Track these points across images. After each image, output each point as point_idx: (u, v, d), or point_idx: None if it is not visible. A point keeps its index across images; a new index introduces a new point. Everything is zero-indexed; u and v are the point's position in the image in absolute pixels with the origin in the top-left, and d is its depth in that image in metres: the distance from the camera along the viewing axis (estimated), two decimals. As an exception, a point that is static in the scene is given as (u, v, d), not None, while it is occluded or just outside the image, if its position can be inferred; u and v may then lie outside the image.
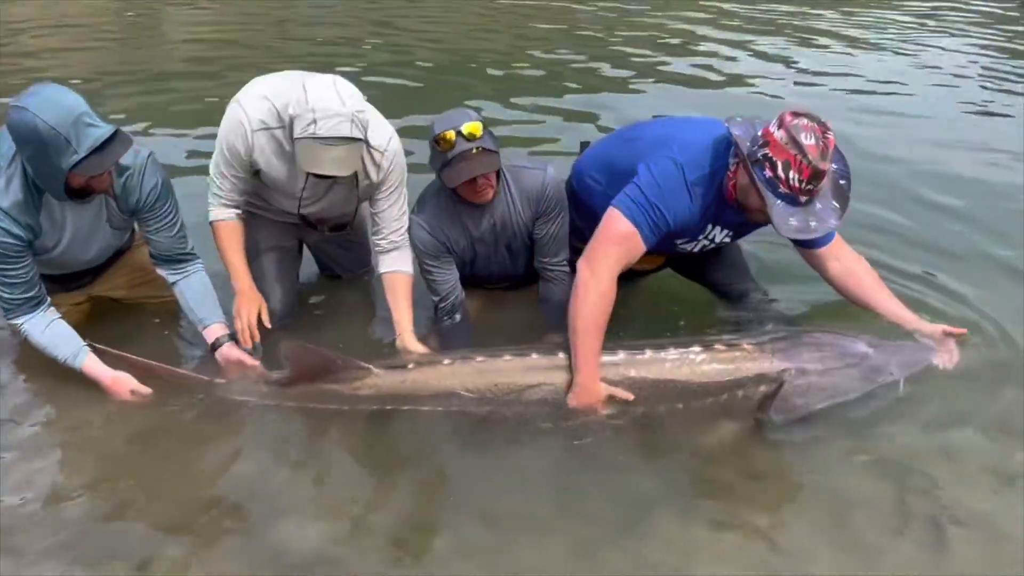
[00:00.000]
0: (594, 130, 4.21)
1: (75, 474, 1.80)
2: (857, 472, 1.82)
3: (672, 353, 1.98)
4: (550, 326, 2.19)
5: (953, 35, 7.54)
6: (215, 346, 2.05)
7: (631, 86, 5.50)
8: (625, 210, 1.88)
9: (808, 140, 1.68)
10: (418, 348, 2.08)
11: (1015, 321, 2.38)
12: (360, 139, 1.80)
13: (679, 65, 6.06)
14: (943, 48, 6.92)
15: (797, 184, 1.70)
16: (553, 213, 2.17)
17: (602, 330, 1.89)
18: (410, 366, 2.01)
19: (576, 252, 2.05)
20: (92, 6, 8.17)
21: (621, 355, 1.97)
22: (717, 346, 1.99)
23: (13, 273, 1.83)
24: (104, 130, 1.69)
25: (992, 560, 1.58)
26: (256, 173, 2.04)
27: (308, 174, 1.94)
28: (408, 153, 2.20)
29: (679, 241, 2.02)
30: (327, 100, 1.74)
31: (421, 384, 1.98)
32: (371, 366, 1.98)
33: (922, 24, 8.05)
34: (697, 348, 1.99)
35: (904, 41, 7.20)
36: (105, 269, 2.23)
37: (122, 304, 2.36)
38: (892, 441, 1.90)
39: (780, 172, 1.70)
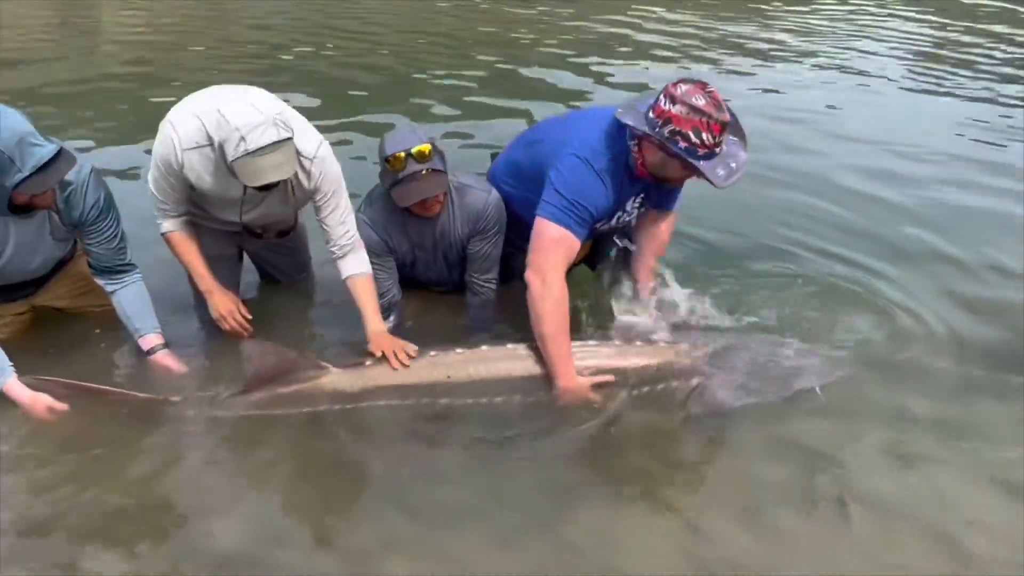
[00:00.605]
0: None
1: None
2: (771, 459, 1.94)
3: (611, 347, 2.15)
4: (478, 331, 2.31)
5: (873, 38, 7.97)
6: (150, 353, 2.10)
7: (564, 88, 5.65)
8: (550, 216, 1.99)
9: (701, 102, 1.82)
10: (392, 343, 2.09)
11: (928, 307, 2.61)
12: (289, 136, 1.84)
13: (616, 71, 6.23)
14: (862, 50, 7.32)
15: (712, 141, 1.86)
16: (490, 233, 2.26)
17: (567, 332, 2.01)
18: (368, 363, 2.08)
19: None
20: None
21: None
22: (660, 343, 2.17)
23: None
24: (48, 149, 1.72)
25: (891, 535, 1.71)
26: (192, 187, 2.08)
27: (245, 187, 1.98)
28: (360, 156, 2.25)
29: (599, 224, 2.14)
30: (245, 115, 1.79)
31: (380, 380, 2.04)
32: (329, 365, 2.05)
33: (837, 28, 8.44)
34: (639, 343, 2.15)
35: (823, 45, 7.57)
36: (48, 279, 2.24)
37: (65, 313, 2.36)
38: (803, 430, 2.03)
39: (694, 139, 1.84)
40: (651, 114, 1.89)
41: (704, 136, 1.84)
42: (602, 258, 2.51)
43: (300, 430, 2.01)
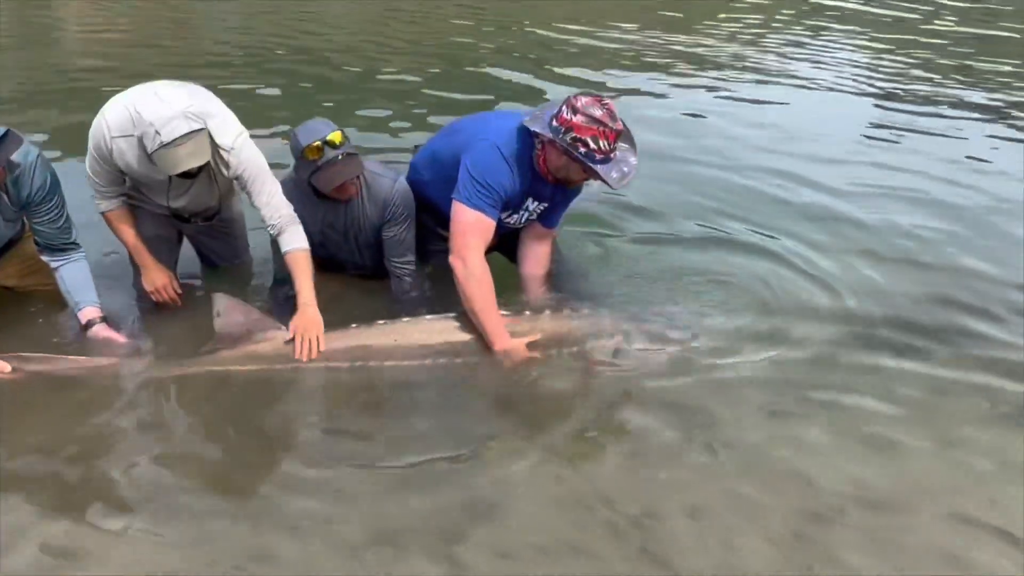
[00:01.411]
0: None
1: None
2: (659, 416, 2.17)
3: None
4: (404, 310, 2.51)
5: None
6: (88, 326, 2.26)
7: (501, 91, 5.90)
8: (465, 200, 2.21)
9: (598, 113, 2.09)
10: (310, 324, 2.24)
11: (819, 277, 2.96)
12: (200, 128, 2.02)
13: (564, 73, 6.46)
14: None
15: (608, 148, 2.13)
16: (400, 218, 2.45)
17: (495, 304, 2.26)
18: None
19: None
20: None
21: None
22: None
23: None
24: None
25: (750, 473, 1.96)
26: (122, 172, 2.27)
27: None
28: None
29: (504, 215, 2.37)
30: (157, 110, 1.98)
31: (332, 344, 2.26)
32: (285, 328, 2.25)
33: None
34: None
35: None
36: None
37: (14, 292, 2.51)
38: (690, 392, 2.28)
39: (592, 145, 2.10)
40: (555, 122, 2.14)
41: (601, 143, 2.11)
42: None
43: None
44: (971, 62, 7.59)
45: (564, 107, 2.13)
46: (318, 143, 2.20)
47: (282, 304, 2.47)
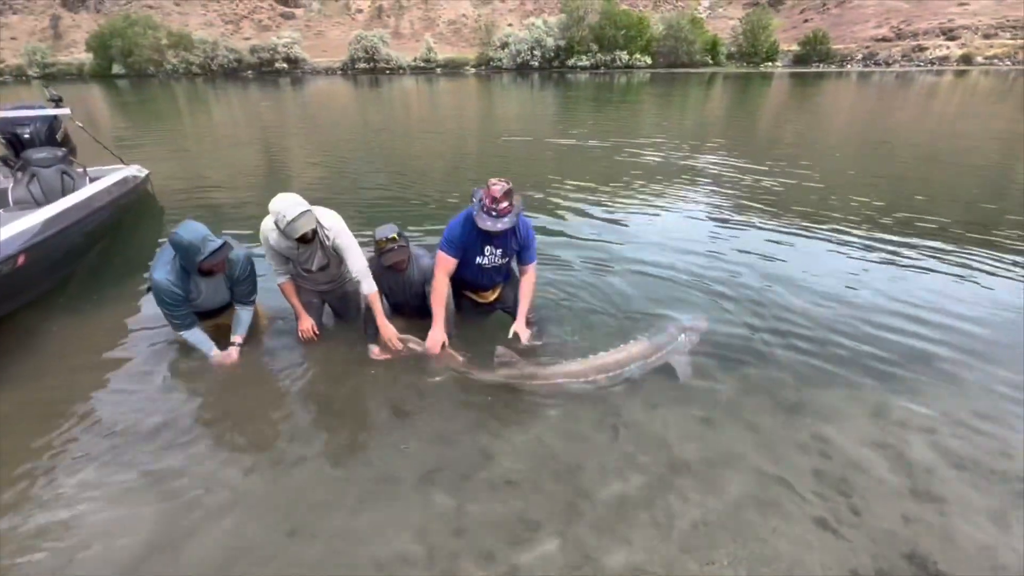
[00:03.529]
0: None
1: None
2: (577, 407, 3.42)
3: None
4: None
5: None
6: (228, 345, 3.96)
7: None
8: (439, 248, 3.73)
9: (496, 187, 3.44)
10: (392, 333, 3.86)
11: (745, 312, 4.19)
12: (308, 208, 3.51)
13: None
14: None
15: (489, 202, 3.45)
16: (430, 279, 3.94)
17: (443, 303, 3.74)
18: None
19: None
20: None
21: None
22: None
23: (180, 312, 3.76)
24: (216, 243, 3.57)
25: (641, 444, 3.14)
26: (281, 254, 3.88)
27: (298, 245, 3.74)
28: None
29: (475, 258, 3.76)
30: (283, 204, 3.49)
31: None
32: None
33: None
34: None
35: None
36: (221, 312, 4.19)
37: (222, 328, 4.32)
38: (610, 399, 3.53)
39: (483, 200, 3.46)
40: (474, 199, 3.54)
41: (485, 201, 3.45)
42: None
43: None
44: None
45: (480, 189, 3.52)
46: (384, 239, 3.76)
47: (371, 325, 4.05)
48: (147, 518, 2.76)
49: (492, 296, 4.13)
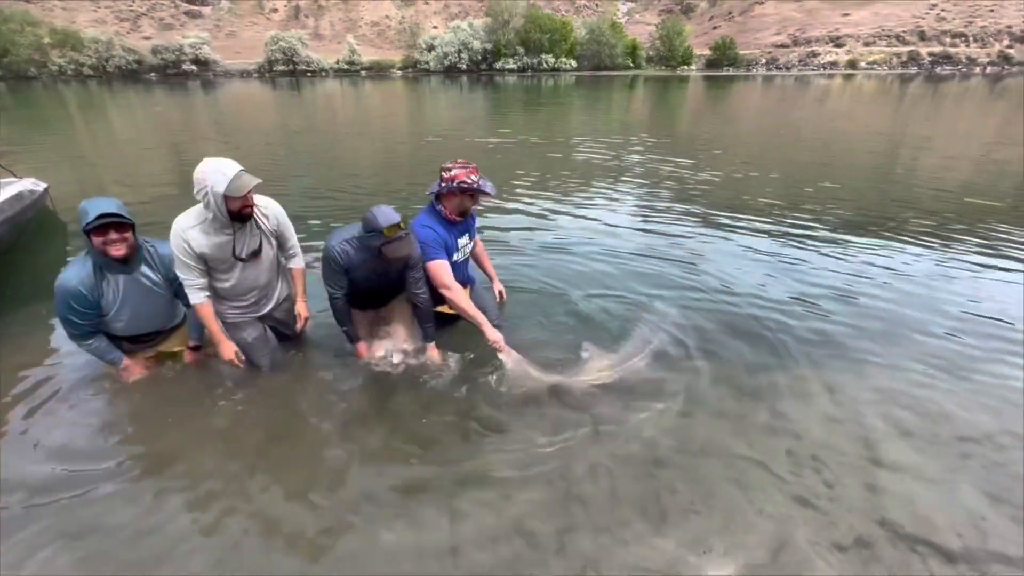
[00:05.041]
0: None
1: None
2: (559, 411, 3.47)
3: None
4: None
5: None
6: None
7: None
8: (429, 259, 3.61)
9: (460, 165, 3.56)
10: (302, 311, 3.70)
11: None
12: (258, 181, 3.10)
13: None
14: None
15: (476, 179, 3.55)
16: (417, 267, 3.55)
17: (472, 304, 3.70)
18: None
19: None
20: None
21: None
22: None
23: (83, 321, 3.26)
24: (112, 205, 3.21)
25: (624, 445, 3.18)
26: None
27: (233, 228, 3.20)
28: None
29: (454, 258, 3.80)
30: (212, 167, 3.08)
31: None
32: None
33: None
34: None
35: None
36: (159, 337, 3.68)
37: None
38: (585, 399, 3.60)
39: (468, 180, 3.54)
40: (442, 184, 3.60)
41: (472, 177, 3.55)
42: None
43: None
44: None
45: (443, 173, 3.59)
46: (393, 226, 3.16)
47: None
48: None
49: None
